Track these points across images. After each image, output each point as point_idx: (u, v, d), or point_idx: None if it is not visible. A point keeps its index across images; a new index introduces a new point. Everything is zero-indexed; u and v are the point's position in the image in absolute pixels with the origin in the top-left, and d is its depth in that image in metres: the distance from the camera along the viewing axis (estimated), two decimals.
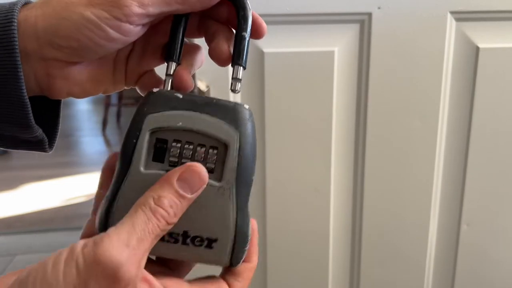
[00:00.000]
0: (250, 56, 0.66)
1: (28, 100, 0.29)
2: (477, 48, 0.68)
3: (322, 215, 0.73)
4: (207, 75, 0.65)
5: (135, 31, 0.29)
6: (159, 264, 0.29)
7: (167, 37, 0.32)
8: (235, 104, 0.29)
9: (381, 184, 0.73)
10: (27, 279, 0.23)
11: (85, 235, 0.29)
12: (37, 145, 0.32)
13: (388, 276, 0.78)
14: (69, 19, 0.28)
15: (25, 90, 0.29)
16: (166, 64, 0.31)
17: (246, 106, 0.30)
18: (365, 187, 0.72)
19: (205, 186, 0.27)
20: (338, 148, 0.71)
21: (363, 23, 0.66)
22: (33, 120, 0.30)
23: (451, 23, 0.67)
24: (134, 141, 0.28)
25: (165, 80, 0.31)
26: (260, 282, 0.77)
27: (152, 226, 0.25)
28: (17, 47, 0.28)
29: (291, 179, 0.71)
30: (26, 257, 1.69)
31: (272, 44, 0.65)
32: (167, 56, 0.31)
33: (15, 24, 0.28)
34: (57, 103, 0.34)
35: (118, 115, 3.71)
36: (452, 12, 0.66)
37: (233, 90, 0.31)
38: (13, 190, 2.34)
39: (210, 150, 0.28)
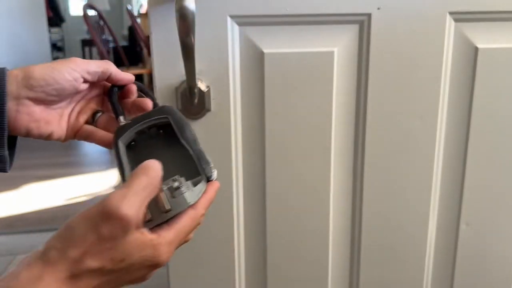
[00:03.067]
0: (250, 56, 0.66)
1: (7, 132, 0.44)
2: (476, 49, 0.69)
3: (321, 215, 0.73)
4: (207, 76, 0.65)
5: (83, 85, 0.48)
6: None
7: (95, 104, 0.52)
8: (160, 106, 0.50)
9: (381, 184, 0.73)
10: (51, 238, 0.34)
11: None
12: None
13: (387, 275, 0.78)
14: (40, 68, 0.44)
15: (7, 125, 0.44)
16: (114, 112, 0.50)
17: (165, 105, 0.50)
18: (364, 187, 0.73)
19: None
20: (338, 147, 0.71)
21: (363, 23, 0.66)
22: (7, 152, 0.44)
23: (450, 24, 0.67)
24: (119, 157, 0.47)
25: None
26: (260, 281, 0.77)
27: (145, 186, 0.36)
28: (5, 92, 0.43)
29: (290, 179, 0.71)
30: None
31: (272, 45, 0.66)
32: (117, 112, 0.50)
33: (5, 76, 0.43)
34: (14, 142, 0.47)
35: None
36: (451, 13, 0.66)
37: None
38: (14, 190, 2.34)
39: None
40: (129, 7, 3.93)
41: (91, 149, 3.14)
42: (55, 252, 0.32)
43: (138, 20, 4.13)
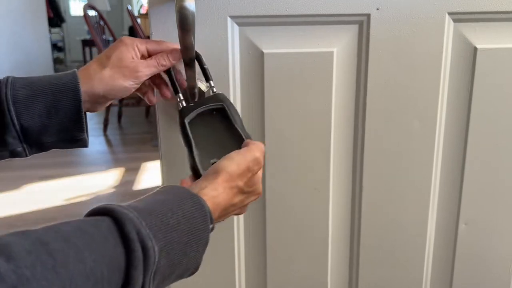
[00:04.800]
0: (250, 56, 0.67)
1: (84, 121, 0.55)
2: (475, 49, 0.69)
3: (321, 214, 0.74)
4: None
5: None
6: None
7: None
8: (215, 94, 0.61)
9: (380, 184, 0.73)
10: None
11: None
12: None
13: (386, 274, 0.78)
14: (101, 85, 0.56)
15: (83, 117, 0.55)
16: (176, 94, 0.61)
17: (220, 92, 0.61)
18: (363, 187, 0.73)
19: None
20: (337, 147, 0.71)
21: (362, 24, 0.66)
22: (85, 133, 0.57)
23: (449, 24, 0.67)
24: (186, 132, 0.58)
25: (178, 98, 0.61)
26: (260, 280, 0.77)
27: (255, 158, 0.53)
28: (81, 102, 0.53)
29: (290, 178, 0.72)
30: None
31: (271, 45, 0.66)
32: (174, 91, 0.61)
33: (79, 88, 0.53)
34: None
35: (119, 115, 3.72)
36: (450, 13, 0.67)
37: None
38: (14, 190, 2.35)
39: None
40: (129, 7, 3.93)
41: (91, 149, 3.14)
42: (228, 177, 0.49)
43: (138, 20, 4.14)
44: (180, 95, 0.60)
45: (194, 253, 0.43)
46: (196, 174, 0.56)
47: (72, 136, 0.55)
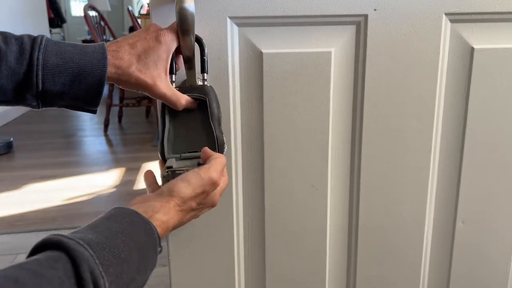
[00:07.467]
0: (249, 56, 0.68)
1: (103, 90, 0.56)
2: (472, 49, 0.70)
3: (319, 212, 0.74)
4: (207, 76, 0.66)
5: None
6: None
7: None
8: (203, 85, 0.63)
9: (377, 182, 0.74)
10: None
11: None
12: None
13: (384, 273, 0.79)
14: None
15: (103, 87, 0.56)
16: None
17: (208, 84, 0.64)
18: (361, 186, 0.74)
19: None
20: (335, 145, 0.72)
21: (359, 24, 0.67)
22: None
23: (446, 25, 0.68)
24: (163, 116, 0.63)
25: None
26: (258, 278, 0.78)
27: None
28: (105, 77, 0.55)
29: (289, 176, 0.72)
30: None
31: (270, 45, 0.67)
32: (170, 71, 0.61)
33: (106, 70, 0.54)
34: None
35: (120, 115, 3.73)
36: (447, 14, 0.67)
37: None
38: (14, 190, 2.35)
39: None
40: (129, 7, 3.94)
41: (91, 149, 3.15)
42: (181, 202, 0.53)
43: (139, 20, 4.14)
44: (174, 76, 0.62)
45: (142, 277, 0.46)
46: (163, 159, 0.62)
47: (85, 105, 0.57)
